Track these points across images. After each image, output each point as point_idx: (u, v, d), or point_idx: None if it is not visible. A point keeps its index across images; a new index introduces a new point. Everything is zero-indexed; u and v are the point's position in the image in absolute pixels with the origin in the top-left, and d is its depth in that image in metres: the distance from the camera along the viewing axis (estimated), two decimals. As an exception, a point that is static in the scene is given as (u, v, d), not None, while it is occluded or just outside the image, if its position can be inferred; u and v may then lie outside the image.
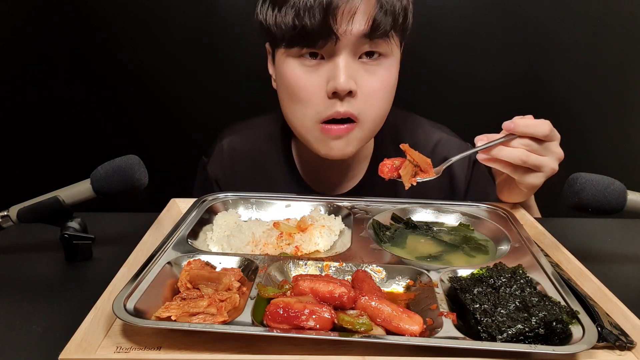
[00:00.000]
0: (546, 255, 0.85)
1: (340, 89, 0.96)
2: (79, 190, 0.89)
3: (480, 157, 0.93)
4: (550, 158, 0.92)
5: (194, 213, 0.96)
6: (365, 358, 0.58)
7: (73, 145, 1.78)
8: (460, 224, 0.98)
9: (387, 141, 1.21)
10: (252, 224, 0.91)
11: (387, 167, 0.91)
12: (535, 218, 1.02)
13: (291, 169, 1.23)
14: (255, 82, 1.17)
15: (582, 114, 1.77)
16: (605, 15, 1.67)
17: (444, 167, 0.93)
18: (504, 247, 0.87)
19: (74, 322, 0.62)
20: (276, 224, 0.88)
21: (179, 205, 1.07)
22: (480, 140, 0.93)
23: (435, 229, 0.96)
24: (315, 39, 0.95)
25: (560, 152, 0.93)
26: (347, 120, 1.01)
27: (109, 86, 1.74)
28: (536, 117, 0.94)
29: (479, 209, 1.02)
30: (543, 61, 1.72)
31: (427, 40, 1.68)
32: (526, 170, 0.93)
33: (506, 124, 0.92)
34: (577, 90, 1.75)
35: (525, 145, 0.91)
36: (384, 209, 1.01)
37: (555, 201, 1.01)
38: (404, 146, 0.92)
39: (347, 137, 1.03)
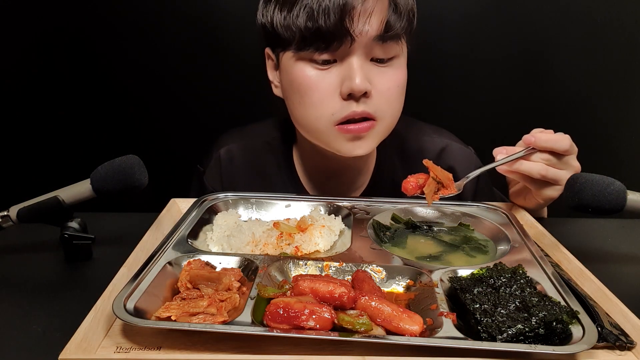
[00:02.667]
0: (546, 255, 0.85)
1: (357, 90, 0.95)
2: (79, 190, 0.89)
3: (500, 168, 0.95)
4: (568, 172, 0.93)
5: (194, 213, 0.96)
6: (365, 358, 0.58)
7: (73, 145, 1.78)
8: (460, 224, 0.98)
9: (390, 150, 1.19)
10: (252, 224, 0.91)
11: (411, 185, 0.91)
12: (535, 218, 1.02)
13: (293, 179, 1.20)
14: (257, 82, 1.17)
15: (582, 114, 1.77)
16: (605, 16, 1.67)
17: (465, 182, 0.93)
18: (504, 247, 0.87)
19: (74, 322, 0.62)
20: (276, 224, 0.88)
21: (179, 205, 1.07)
22: (500, 153, 0.94)
23: (435, 229, 0.96)
24: (331, 40, 0.93)
25: (577, 166, 0.94)
26: (364, 119, 1.00)
27: (109, 86, 1.74)
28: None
29: (479, 209, 1.02)
30: (544, 62, 1.72)
31: (427, 41, 1.68)
32: (544, 183, 0.94)
33: (526, 138, 0.93)
34: (577, 90, 1.75)
35: (545, 159, 0.92)
36: (384, 209, 1.01)
37: (556, 201, 1.01)
38: (427, 162, 0.91)
39: (367, 136, 1.01)
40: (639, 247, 0.99)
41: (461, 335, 0.60)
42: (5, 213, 0.88)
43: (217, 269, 0.78)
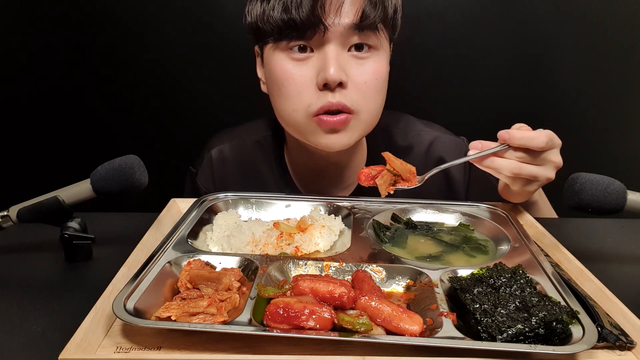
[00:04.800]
0: (546, 255, 0.85)
1: (331, 80, 0.96)
2: (79, 190, 0.89)
3: (476, 162, 0.92)
4: (546, 168, 0.90)
5: (194, 213, 0.96)
6: (365, 358, 0.58)
7: (73, 145, 1.78)
8: (460, 224, 0.98)
9: (380, 145, 1.19)
10: (252, 224, 0.91)
11: (364, 176, 0.91)
12: (535, 218, 1.02)
13: (284, 177, 1.21)
14: (256, 82, 1.17)
15: (582, 114, 1.77)
16: (606, 15, 1.67)
17: (427, 176, 0.91)
18: (504, 247, 0.87)
19: (74, 322, 0.62)
20: (276, 224, 0.88)
21: (179, 205, 1.07)
22: (474, 147, 0.91)
23: (435, 229, 0.96)
24: (304, 29, 0.95)
25: (558, 161, 0.91)
26: (341, 112, 1.00)
27: (109, 86, 1.74)
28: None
29: (479, 209, 1.02)
30: (544, 61, 1.72)
31: (427, 40, 1.68)
32: (520, 179, 0.91)
33: (501, 134, 0.89)
34: (577, 90, 1.75)
35: (519, 157, 0.88)
36: (384, 209, 1.01)
37: (556, 201, 1.01)
38: (386, 154, 0.91)
39: (345, 129, 1.02)
40: (639, 247, 0.99)
41: (461, 335, 0.60)
42: (5, 213, 0.88)
43: (217, 269, 0.78)
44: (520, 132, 0.88)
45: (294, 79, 0.99)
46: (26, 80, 1.72)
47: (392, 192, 0.90)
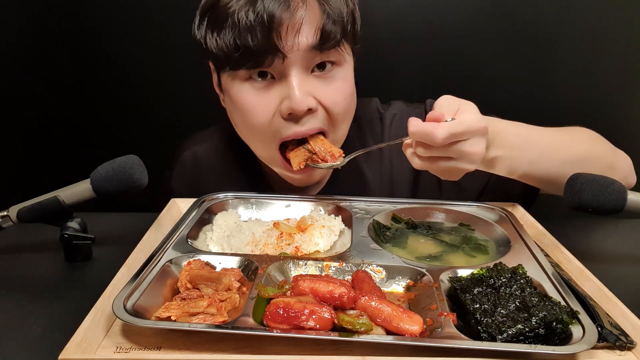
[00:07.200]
0: (546, 255, 0.85)
1: (297, 109, 0.92)
2: (79, 190, 0.89)
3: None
4: (459, 161, 0.81)
5: (194, 213, 0.96)
6: (365, 358, 0.58)
7: (73, 145, 1.78)
8: (460, 224, 0.98)
9: (351, 136, 1.13)
10: (252, 224, 0.91)
11: (287, 152, 0.99)
12: (535, 218, 1.01)
13: (257, 175, 1.19)
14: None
15: (582, 114, 1.77)
16: (606, 16, 1.67)
17: (349, 159, 0.97)
18: (504, 247, 0.87)
19: (74, 322, 0.62)
20: (276, 224, 0.88)
21: (179, 205, 1.07)
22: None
23: (435, 229, 0.96)
24: (261, 58, 0.91)
25: (475, 151, 0.79)
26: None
27: (109, 86, 1.74)
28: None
29: (479, 209, 1.02)
30: (544, 61, 1.72)
31: (428, 40, 1.68)
32: (437, 171, 0.86)
33: (408, 121, 0.80)
34: (577, 90, 1.75)
35: (420, 152, 0.80)
36: (384, 209, 1.00)
37: (556, 201, 1.00)
38: (310, 136, 0.96)
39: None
40: (639, 247, 0.99)
41: (461, 335, 0.61)
42: (5, 213, 0.88)
43: (217, 269, 0.78)
44: (414, 125, 0.78)
45: (256, 109, 0.96)
46: (26, 80, 1.72)
47: (302, 167, 0.97)
